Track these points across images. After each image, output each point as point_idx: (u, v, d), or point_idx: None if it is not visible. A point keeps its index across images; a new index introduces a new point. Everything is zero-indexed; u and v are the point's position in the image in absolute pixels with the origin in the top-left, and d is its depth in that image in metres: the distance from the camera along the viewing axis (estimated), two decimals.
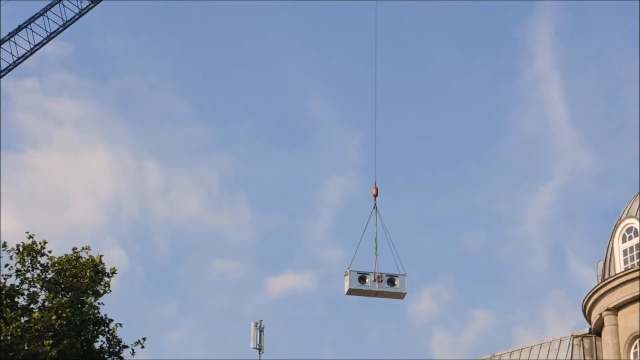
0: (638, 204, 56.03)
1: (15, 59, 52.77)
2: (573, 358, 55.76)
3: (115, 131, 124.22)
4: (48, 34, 53.24)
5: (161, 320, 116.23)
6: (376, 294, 48.68)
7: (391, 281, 48.83)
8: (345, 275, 48.37)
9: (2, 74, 53.31)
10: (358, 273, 48.20)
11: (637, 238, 54.79)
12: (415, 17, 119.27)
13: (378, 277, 48.42)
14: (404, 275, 48.79)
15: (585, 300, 55.86)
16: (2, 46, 53.61)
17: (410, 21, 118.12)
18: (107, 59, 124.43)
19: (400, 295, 49.20)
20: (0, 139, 56.77)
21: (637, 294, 53.21)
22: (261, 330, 55.71)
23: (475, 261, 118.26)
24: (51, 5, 53.00)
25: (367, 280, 48.39)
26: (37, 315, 32.00)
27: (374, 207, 50.15)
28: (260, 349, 55.37)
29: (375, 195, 49.95)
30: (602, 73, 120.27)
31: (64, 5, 53.26)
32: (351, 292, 48.34)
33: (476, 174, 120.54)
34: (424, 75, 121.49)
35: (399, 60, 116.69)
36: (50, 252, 34.90)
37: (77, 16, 53.60)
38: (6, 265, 34.87)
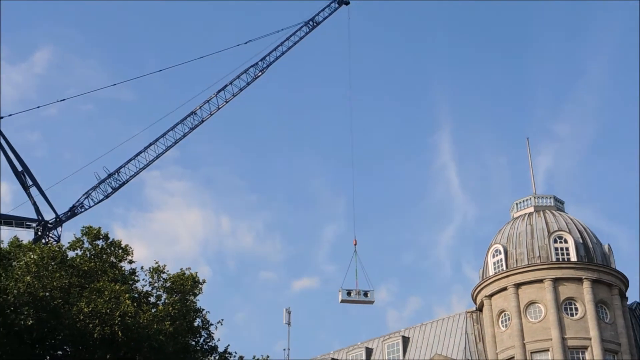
0: (501, 236, 59.46)
1: (147, 161, 58.80)
2: (467, 325, 58.26)
3: (204, 199, 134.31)
4: (165, 147, 58.20)
5: (232, 308, 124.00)
6: (357, 302, 55.49)
7: (365, 294, 55.49)
8: (339, 292, 55.11)
9: (143, 169, 59.36)
10: (346, 290, 55.17)
11: (501, 255, 57.71)
12: (372, 130, 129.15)
13: (357, 292, 55.15)
14: (373, 290, 55.75)
15: (473, 291, 59.01)
16: (141, 154, 61.17)
17: (369, 132, 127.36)
18: (200, 157, 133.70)
19: (371, 302, 56.24)
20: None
21: (501, 287, 56.54)
22: (289, 312, 60.32)
23: (410, 269, 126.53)
24: (167, 132, 58.62)
25: (352, 294, 54.77)
26: (161, 308, 31.27)
27: (354, 252, 56.96)
28: (289, 324, 60.11)
29: (355, 245, 57.31)
30: (478, 163, 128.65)
31: (175, 131, 59.38)
32: (343, 301, 55.31)
33: (409, 219, 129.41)
34: (380, 164, 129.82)
35: (364, 154, 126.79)
36: (168, 271, 34.09)
37: (182, 137, 58.81)
38: (143, 279, 33.86)
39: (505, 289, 56.59)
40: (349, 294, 55.91)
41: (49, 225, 60.00)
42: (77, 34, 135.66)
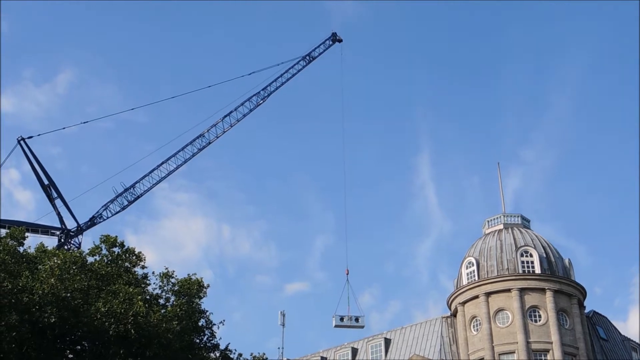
0: (473, 250, 59.45)
1: (159, 178, 58.74)
2: (442, 329, 58.20)
3: (207, 209, 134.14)
4: (176, 165, 58.32)
5: (231, 308, 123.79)
6: (349, 327, 54.31)
7: (357, 319, 54.55)
8: (333, 317, 54.29)
9: (156, 185, 59.63)
10: (339, 316, 54.41)
11: (473, 267, 57.75)
12: (361, 152, 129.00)
13: (349, 318, 54.14)
14: (363, 316, 55.07)
15: (448, 298, 59.04)
16: (154, 171, 61.44)
17: (359, 154, 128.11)
18: (204, 172, 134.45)
19: (361, 327, 55.07)
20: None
21: (473, 296, 56.66)
22: (284, 314, 59.69)
23: (392, 277, 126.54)
24: (177, 152, 58.53)
25: (344, 319, 54.03)
26: (169, 309, 30.65)
27: (347, 281, 56.18)
28: (283, 325, 59.54)
29: (347, 274, 56.45)
30: (454, 183, 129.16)
31: (184, 152, 58.92)
32: (337, 326, 54.17)
33: (392, 232, 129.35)
34: (367, 182, 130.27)
35: (353, 174, 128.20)
36: (176, 275, 32.72)
37: (191, 156, 59.11)
38: (154, 283, 32.46)
39: (477, 297, 56.81)
40: (341, 319, 55.71)
41: (71, 233, 60.03)
42: (97, 59, 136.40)
